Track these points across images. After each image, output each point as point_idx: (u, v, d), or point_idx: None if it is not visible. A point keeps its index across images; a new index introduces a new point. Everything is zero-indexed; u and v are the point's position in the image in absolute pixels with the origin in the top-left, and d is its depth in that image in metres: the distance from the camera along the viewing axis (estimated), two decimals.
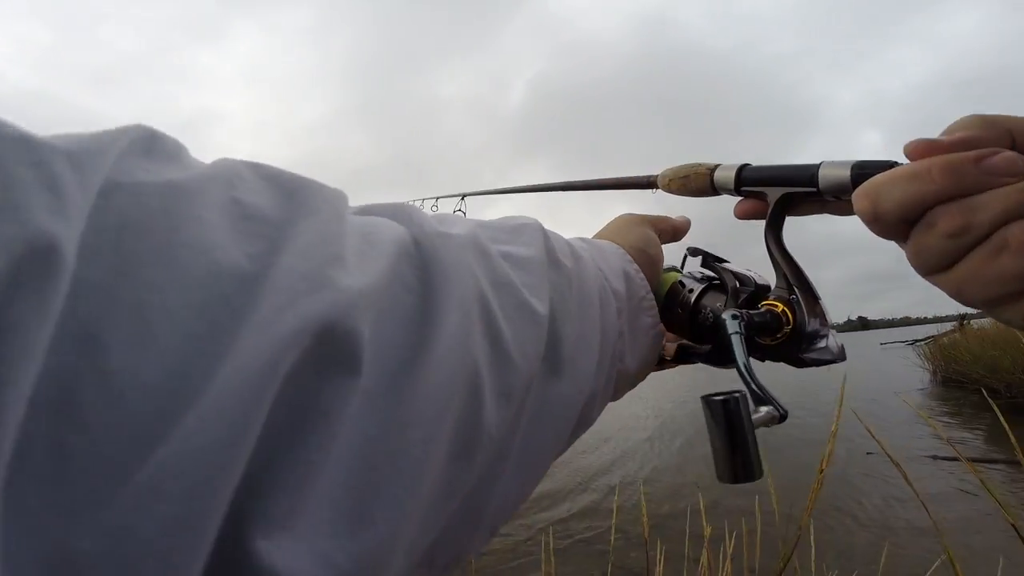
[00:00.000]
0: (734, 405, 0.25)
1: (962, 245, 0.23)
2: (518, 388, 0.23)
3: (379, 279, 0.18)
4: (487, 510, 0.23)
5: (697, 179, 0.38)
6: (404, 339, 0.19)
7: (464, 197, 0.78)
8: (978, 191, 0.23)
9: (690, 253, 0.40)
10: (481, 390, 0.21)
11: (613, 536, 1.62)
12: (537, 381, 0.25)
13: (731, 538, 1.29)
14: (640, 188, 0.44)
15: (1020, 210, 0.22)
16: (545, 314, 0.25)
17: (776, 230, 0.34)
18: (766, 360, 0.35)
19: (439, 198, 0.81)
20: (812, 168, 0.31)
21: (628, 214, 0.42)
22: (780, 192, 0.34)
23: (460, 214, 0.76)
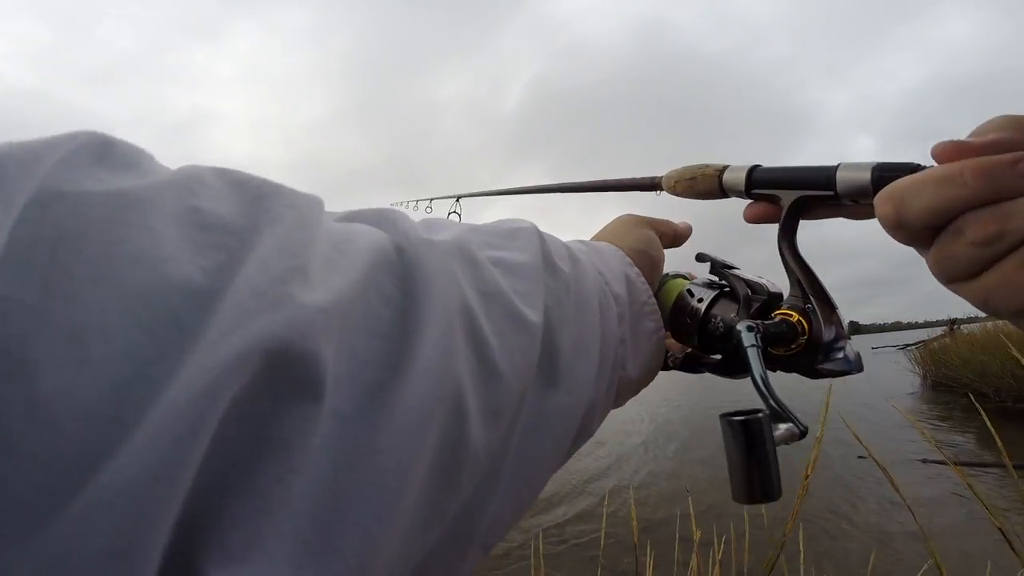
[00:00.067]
0: (756, 426, 0.23)
1: (994, 253, 0.22)
2: (508, 404, 0.22)
3: (347, 291, 0.17)
4: (479, 530, 0.22)
5: (705, 181, 0.37)
6: (379, 356, 0.17)
7: (459, 199, 0.77)
8: (1012, 196, 0.22)
9: (698, 259, 0.38)
10: (465, 408, 0.19)
11: (603, 541, 1.62)
12: (532, 393, 0.24)
13: (720, 542, 1.29)
14: (644, 190, 0.43)
15: None
16: (539, 323, 0.24)
17: (790, 235, 0.33)
18: (777, 371, 0.33)
19: (433, 199, 0.80)
20: (829, 170, 0.29)
21: (628, 215, 0.40)
22: (794, 195, 0.32)
23: (455, 216, 0.75)
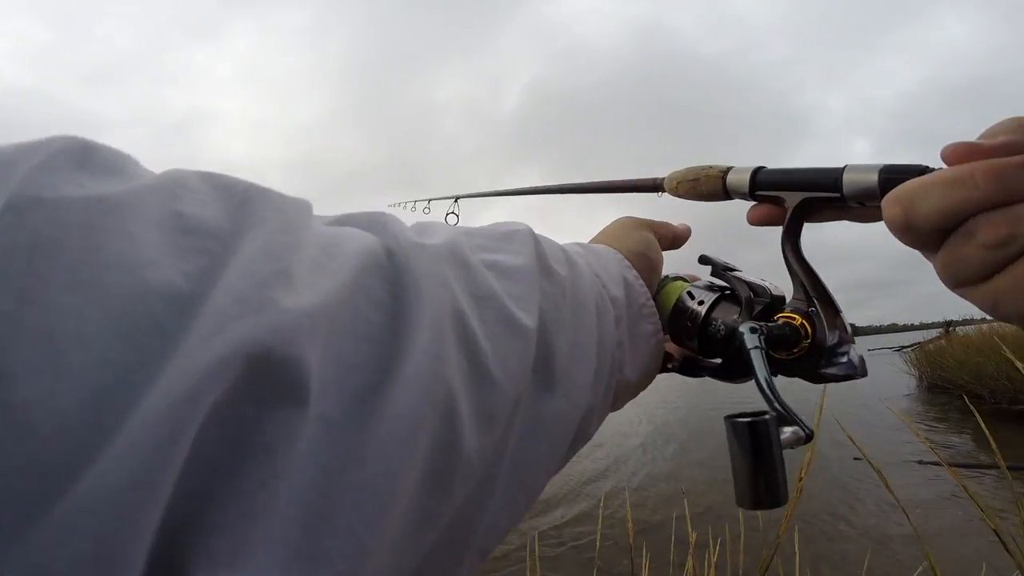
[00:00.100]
0: (763, 428, 0.22)
1: (1005, 256, 0.22)
2: (502, 409, 0.21)
3: (335, 295, 0.17)
4: (475, 535, 0.22)
5: (708, 182, 0.36)
6: (368, 361, 0.17)
7: (457, 199, 0.76)
8: None
9: (700, 261, 0.38)
10: (457, 414, 0.19)
11: (599, 544, 1.62)
12: (527, 398, 0.24)
13: (716, 544, 1.30)
14: (645, 191, 0.42)
15: None
16: (533, 327, 0.24)
17: (794, 238, 0.32)
18: (778, 375, 0.33)
19: (431, 200, 0.80)
20: (835, 171, 0.29)
21: (626, 217, 0.40)
22: (799, 197, 0.32)
23: (454, 217, 0.75)
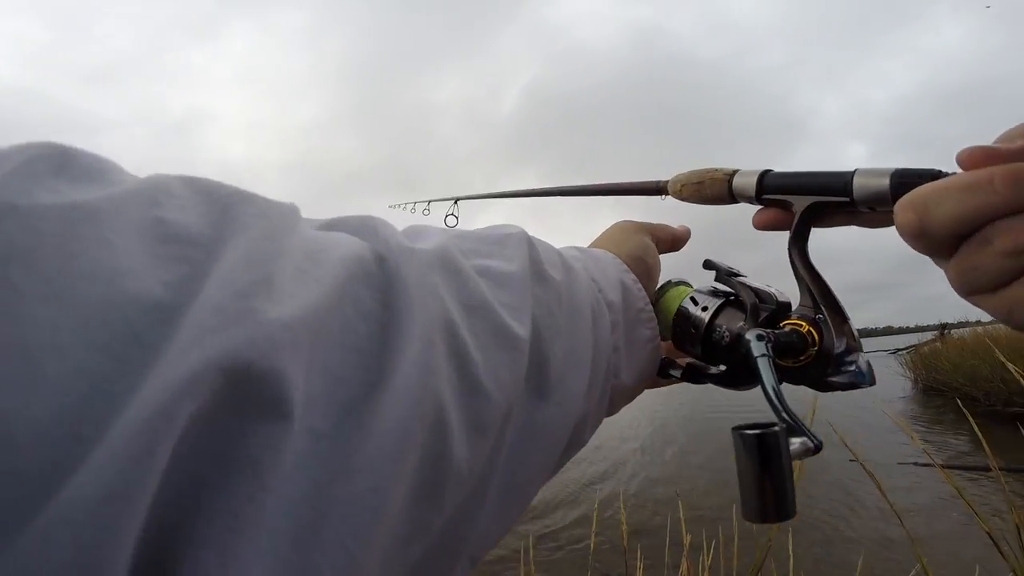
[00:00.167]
0: (772, 440, 0.22)
1: (1022, 264, 0.21)
2: (493, 419, 0.21)
3: (319, 305, 0.16)
4: (466, 543, 0.22)
5: (713, 185, 0.36)
6: (356, 372, 0.17)
7: (457, 201, 0.76)
8: None
9: (705, 266, 0.37)
10: (447, 426, 0.19)
11: (593, 546, 1.62)
12: (520, 406, 0.23)
13: (710, 547, 1.29)
14: (649, 194, 0.42)
15: None
16: (526, 337, 0.23)
17: (801, 243, 0.32)
18: (783, 383, 0.32)
19: (431, 201, 0.79)
20: (845, 175, 0.28)
21: (625, 221, 0.40)
22: (808, 201, 0.31)
23: (453, 218, 0.74)
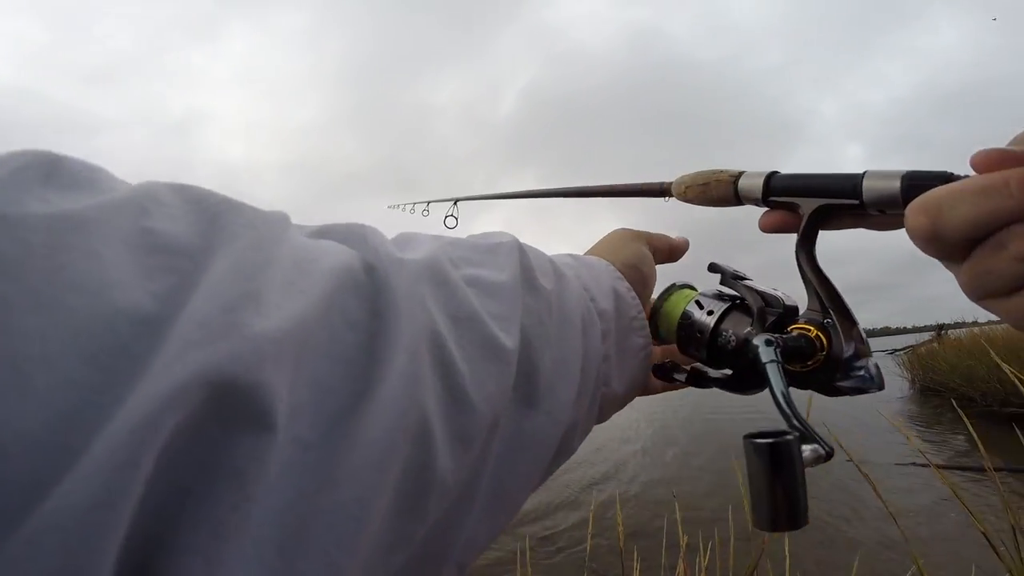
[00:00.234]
0: (785, 448, 0.21)
1: None
2: (478, 430, 0.21)
3: (305, 316, 0.16)
4: (453, 549, 0.22)
5: (718, 187, 0.35)
6: (343, 383, 0.17)
7: (456, 202, 0.75)
8: None
9: (710, 269, 0.36)
10: (431, 438, 0.19)
11: (589, 547, 1.62)
12: (507, 415, 0.23)
13: (707, 548, 1.29)
14: (652, 196, 0.41)
15: None
16: (514, 348, 0.23)
17: (809, 246, 0.31)
18: (790, 387, 0.32)
19: (431, 202, 0.78)
20: (854, 178, 0.28)
21: (623, 229, 0.40)
22: (815, 204, 0.30)
23: (452, 219, 0.74)
